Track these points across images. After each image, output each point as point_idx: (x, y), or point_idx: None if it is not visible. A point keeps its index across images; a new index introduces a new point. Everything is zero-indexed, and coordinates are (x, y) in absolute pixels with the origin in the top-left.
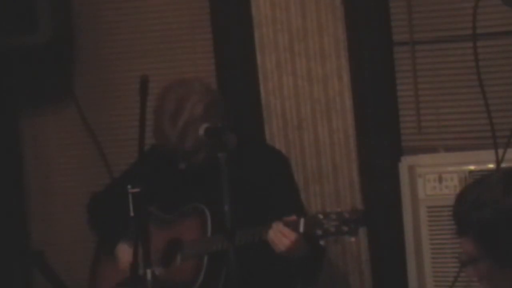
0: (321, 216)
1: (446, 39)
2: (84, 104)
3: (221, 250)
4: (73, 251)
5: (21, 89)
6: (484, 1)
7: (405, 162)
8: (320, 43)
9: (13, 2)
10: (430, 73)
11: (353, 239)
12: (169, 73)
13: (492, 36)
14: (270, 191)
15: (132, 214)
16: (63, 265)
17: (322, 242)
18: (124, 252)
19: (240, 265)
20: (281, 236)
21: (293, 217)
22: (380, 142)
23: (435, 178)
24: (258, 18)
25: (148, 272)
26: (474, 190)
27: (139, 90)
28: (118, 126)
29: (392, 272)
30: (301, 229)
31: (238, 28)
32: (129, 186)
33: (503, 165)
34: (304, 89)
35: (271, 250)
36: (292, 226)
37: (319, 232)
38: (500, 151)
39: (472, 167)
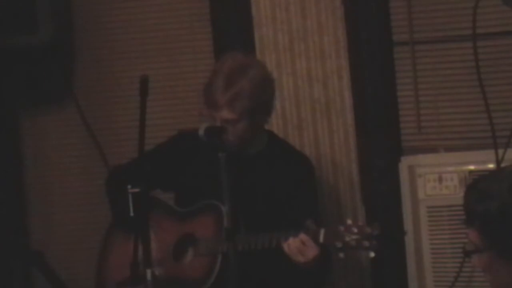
0: (342, 229)
1: (446, 39)
2: (84, 104)
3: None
4: (73, 251)
5: (21, 89)
6: (484, 1)
7: (405, 162)
8: (320, 43)
9: (13, 2)
10: (430, 73)
11: (372, 254)
12: (169, 73)
13: (492, 36)
14: (290, 197)
15: (132, 214)
16: (63, 265)
17: (341, 255)
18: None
19: (251, 268)
20: (302, 248)
21: (313, 227)
22: (380, 142)
23: (435, 178)
24: (258, 18)
25: (148, 272)
26: (484, 182)
27: (139, 90)
28: (118, 126)
29: (392, 272)
30: (321, 239)
31: (238, 28)
32: (129, 186)
33: (503, 165)
34: (304, 89)
35: (282, 255)
36: (312, 235)
37: (339, 244)
38: (500, 151)
39: (472, 167)
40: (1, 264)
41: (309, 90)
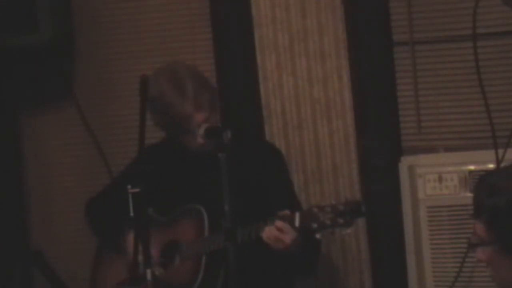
0: (316, 210)
1: (446, 39)
2: (84, 104)
3: (219, 249)
4: (73, 251)
5: (21, 89)
6: (484, 1)
7: (405, 162)
8: (320, 43)
9: (13, 2)
10: (430, 73)
11: (349, 230)
12: None
13: (492, 36)
14: (265, 186)
15: (132, 214)
16: (63, 265)
17: (318, 236)
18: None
19: (238, 262)
20: (280, 234)
21: (287, 212)
22: (380, 142)
23: (435, 178)
24: (258, 18)
25: (148, 272)
26: (495, 177)
27: (139, 90)
28: (118, 126)
29: (392, 272)
30: (297, 223)
31: (238, 28)
32: (129, 186)
33: (503, 165)
34: (304, 89)
35: (268, 246)
36: (287, 220)
37: (314, 225)
38: (500, 151)
39: (472, 167)
40: (1, 264)
41: (309, 90)
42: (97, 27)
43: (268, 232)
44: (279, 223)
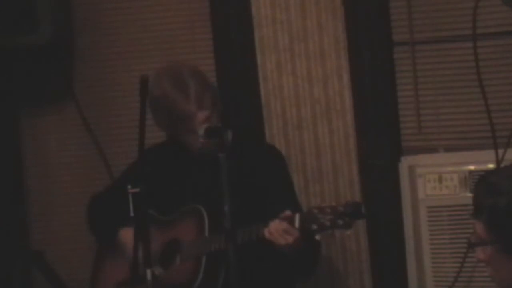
0: (316, 211)
1: (446, 39)
2: (84, 104)
3: (219, 249)
4: (73, 251)
5: (21, 89)
6: (484, 1)
7: (405, 162)
8: (320, 43)
9: (13, 2)
10: (430, 73)
11: (348, 232)
12: None
13: (492, 36)
14: (266, 188)
15: (132, 214)
16: (63, 265)
17: (317, 237)
18: (130, 236)
19: (238, 263)
20: (283, 233)
21: (288, 213)
22: (380, 142)
23: (435, 178)
24: (258, 18)
25: (148, 272)
26: (495, 177)
27: (139, 90)
28: (118, 126)
29: (392, 272)
30: (297, 224)
31: (238, 28)
32: (129, 186)
33: (503, 165)
34: (304, 89)
35: (268, 246)
36: (287, 221)
37: (314, 226)
38: (500, 151)
39: (472, 167)
40: (1, 264)
41: (309, 90)
42: (97, 27)
43: (272, 227)
44: (282, 223)
